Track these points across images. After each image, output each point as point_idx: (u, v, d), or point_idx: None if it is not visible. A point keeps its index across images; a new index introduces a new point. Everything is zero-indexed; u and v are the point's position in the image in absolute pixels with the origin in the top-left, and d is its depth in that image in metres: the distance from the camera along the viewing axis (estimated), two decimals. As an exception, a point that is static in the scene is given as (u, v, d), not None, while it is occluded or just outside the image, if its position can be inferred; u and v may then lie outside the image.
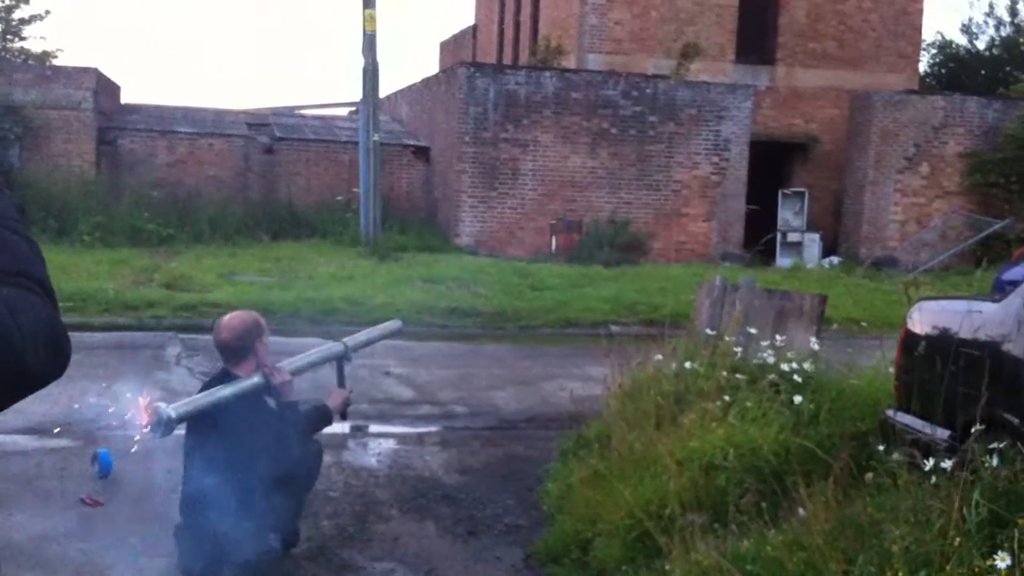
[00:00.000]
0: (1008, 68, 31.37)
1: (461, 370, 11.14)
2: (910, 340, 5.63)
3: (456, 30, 37.02)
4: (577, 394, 9.39)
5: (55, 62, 26.64)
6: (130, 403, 4.88)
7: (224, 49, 77.29)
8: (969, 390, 4.70)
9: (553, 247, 20.54)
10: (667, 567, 4.68)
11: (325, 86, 70.20)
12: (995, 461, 4.15)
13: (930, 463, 4.25)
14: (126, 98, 24.23)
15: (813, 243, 22.99)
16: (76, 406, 8.39)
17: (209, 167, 21.51)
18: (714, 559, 4.44)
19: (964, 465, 4.18)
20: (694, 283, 9.93)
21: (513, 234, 20.87)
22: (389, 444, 8.03)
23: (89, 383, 9.13)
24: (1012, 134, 22.45)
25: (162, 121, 22.35)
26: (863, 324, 13.45)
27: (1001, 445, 4.28)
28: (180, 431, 4.94)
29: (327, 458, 7.35)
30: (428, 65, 48.18)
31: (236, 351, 5.02)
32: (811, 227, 23.41)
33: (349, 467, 7.27)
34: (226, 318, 5.18)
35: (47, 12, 25.61)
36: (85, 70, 20.94)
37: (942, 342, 5.21)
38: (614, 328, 13.85)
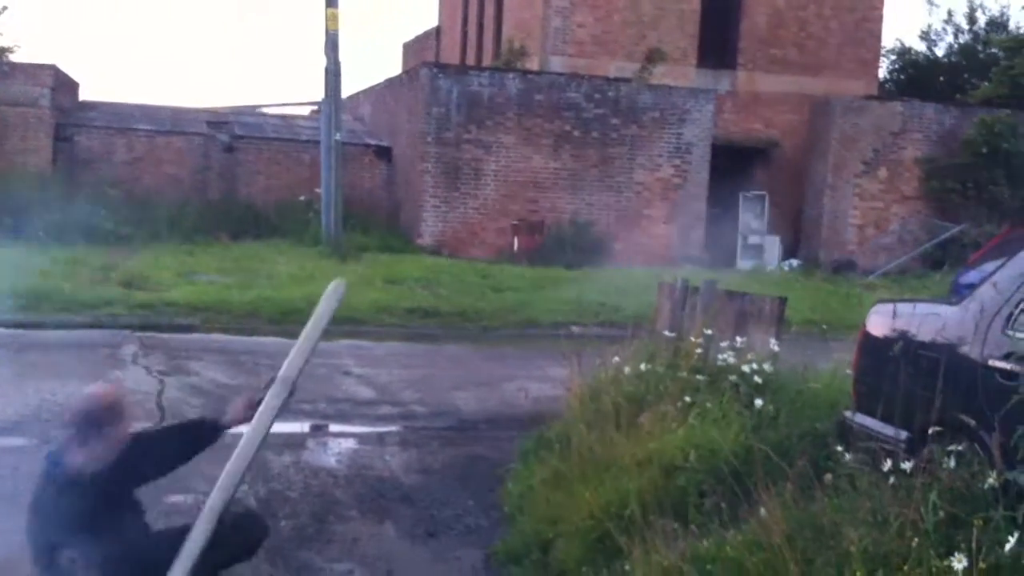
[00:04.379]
0: (966, 75, 31.73)
1: (422, 370, 11.10)
2: (868, 342, 5.67)
3: (420, 31, 36.91)
4: (537, 395, 9.39)
5: (12, 58, 26.25)
6: None
7: (185, 47, 76.61)
8: (927, 392, 4.73)
9: (515, 248, 20.52)
10: (627, 568, 4.67)
11: (287, 85, 69.72)
12: (952, 463, 4.18)
13: (888, 464, 4.28)
14: (84, 95, 23.94)
15: (773, 246, 23.14)
16: (31, 405, 8.28)
17: (168, 165, 21.30)
18: (674, 560, 4.45)
19: (922, 467, 4.21)
20: (655, 285, 9.94)
21: (475, 235, 20.84)
22: (349, 444, 7.98)
23: (44, 382, 9.00)
24: (969, 140, 22.73)
25: (120, 119, 22.09)
26: (823, 326, 13.54)
27: (959, 447, 4.31)
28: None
29: (286, 458, 7.32)
30: (391, 66, 48.14)
31: (85, 430, 4.29)
32: (771, 230, 23.56)
33: (308, 467, 7.21)
34: (86, 391, 4.60)
35: (4, 7, 25.16)
36: (42, 66, 20.66)
37: (900, 344, 5.25)
38: (575, 329, 13.86)
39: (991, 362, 4.52)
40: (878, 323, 5.67)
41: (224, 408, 4.84)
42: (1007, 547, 3.66)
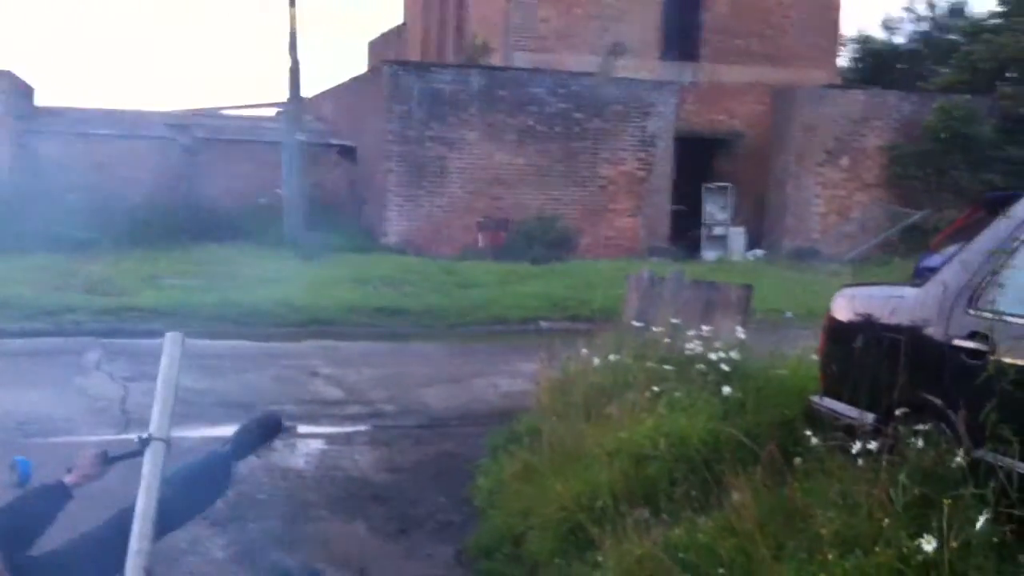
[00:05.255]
0: (927, 62, 31.99)
1: (390, 369, 11.04)
2: (834, 327, 5.67)
3: (386, 29, 36.73)
4: (507, 390, 9.40)
5: (-34, 64, 25.93)
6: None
7: (146, 50, 75.94)
8: (892, 374, 4.75)
9: (481, 244, 20.49)
10: (600, 558, 4.66)
11: (251, 87, 69.25)
12: (920, 443, 4.19)
13: (856, 447, 4.28)
14: (42, 101, 23.63)
15: (738, 236, 23.24)
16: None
17: (129, 170, 21.05)
18: (646, 548, 4.43)
19: (890, 448, 4.22)
20: (622, 278, 9.95)
21: (441, 232, 20.77)
22: (318, 445, 7.91)
23: (3, 391, 8.87)
24: (929, 127, 22.91)
25: (80, 123, 21.83)
26: (788, 315, 13.60)
27: (926, 427, 4.33)
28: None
29: (253, 460, 7.24)
30: (358, 65, 47.80)
31: None
32: (736, 220, 23.66)
33: (277, 469, 7.14)
34: None
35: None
36: (-2, 72, 20.41)
37: (865, 327, 5.26)
38: (543, 324, 13.86)
39: (955, 342, 4.53)
40: (843, 307, 5.67)
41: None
42: (977, 526, 3.67)
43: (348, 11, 74.00)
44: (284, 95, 20.50)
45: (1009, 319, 4.29)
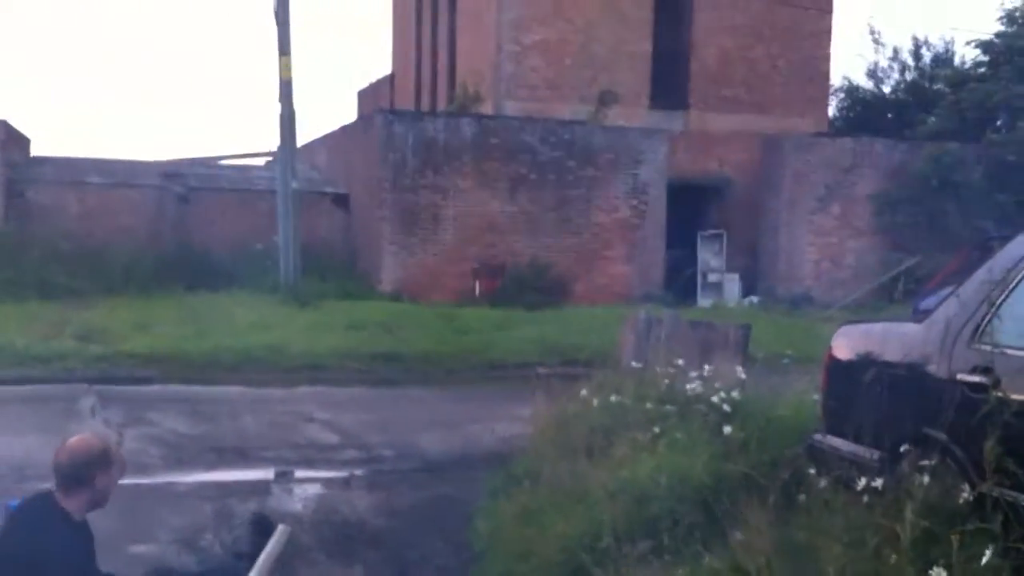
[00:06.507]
0: (913, 110, 32.27)
1: (387, 414, 10.98)
2: (834, 364, 5.66)
3: (374, 79, 37.01)
4: (504, 434, 9.33)
5: (-39, 114, 25.94)
6: None
7: (139, 101, 76.32)
8: (895, 410, 4.74)
9: (476, 291, 20.49)
10: (602, 599, 4.62)
11: (244, 136, 69.55)
12: (926, 478, 4.17)
13: (861, 483, 4.26)
14: (36, 150, 23.67)
15: (732, 283, 23.28)
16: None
17: (122, 218, 21.05)
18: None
19: (896, 484, 4.20)
20: (617, 323, 9.94)
21: (435, 279, 20.76)
22: (314, 489, 7.84)
23: (0, 436, 8.81)
24: (918, 174, 23.05)
25: (73, 172, 21.83)
26: (785, 360, 13.55)
27: (930, 462, 4.31)
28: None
29: (251, 505, 7.20)
30: (347, 115, 48.11)
31: (69, 479, 4.37)
32: (730, 267, 23.71)
33: (274, 513, 7.07)
34: (72, 439, 4.56)
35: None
36: (-8, 122, 20.45)
37: (866, 364, 5.25)
38: (540, 370, 13.80)
39: (958, 376, 4.53)
40: (843, 345, 5.67)
41: None
42: (984, 560, 3.64)
43: (335, 61, 74.61)
44: (274, 143, 20.54)
45: (1011, 352, 4.30)
